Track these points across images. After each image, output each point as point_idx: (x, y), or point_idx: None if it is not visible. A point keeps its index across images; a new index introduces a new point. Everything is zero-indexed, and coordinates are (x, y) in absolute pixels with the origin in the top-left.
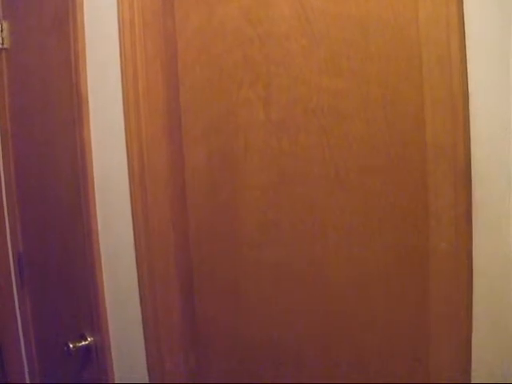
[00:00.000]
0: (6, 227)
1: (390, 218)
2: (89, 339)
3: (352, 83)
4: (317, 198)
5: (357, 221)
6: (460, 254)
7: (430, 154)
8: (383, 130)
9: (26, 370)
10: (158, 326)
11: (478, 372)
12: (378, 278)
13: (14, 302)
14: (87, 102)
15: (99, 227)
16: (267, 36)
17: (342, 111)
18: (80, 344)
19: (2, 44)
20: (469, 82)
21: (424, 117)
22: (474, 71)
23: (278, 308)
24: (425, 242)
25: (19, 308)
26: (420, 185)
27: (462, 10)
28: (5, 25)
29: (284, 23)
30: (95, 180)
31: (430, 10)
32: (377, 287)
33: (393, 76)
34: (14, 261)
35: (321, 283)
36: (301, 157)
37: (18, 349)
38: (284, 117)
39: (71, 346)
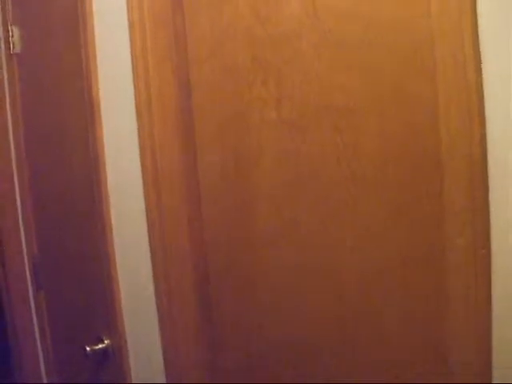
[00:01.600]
0: (20, 231)
1: (406, 215)
2: (106, 342)
3: (364, 80)
4: (332, 196)
5: (373, 218)
6: (477, 250)
7: (444, 150)
8: (397, 126)
9: (44, 373)
10: (174, 327)
11: (499, 369)
12: (395, 275)
13: (30, 305)
14: (99, 104)
15: (114, 229)
16: (278, 34)
17: (355, 108)
18: (97, 347)
19: (13, 49)
20: (483, 77)
21: (438, 113)
22: (489, 65)
23: (294, 307)
24: (442, 239)
25: (35, 311)
26: (436, 181)
27: (475, 2)
28: (15, 30)
29: (294, 21)
30: (109, 183)
31: (442, 4)
32: (394, 285)
33: (406, 72)
34: (29, 264)
35: (338, 282)
36: (315, 155)
37: (35, 352)
38: (297, 115)
39: (88, 349)
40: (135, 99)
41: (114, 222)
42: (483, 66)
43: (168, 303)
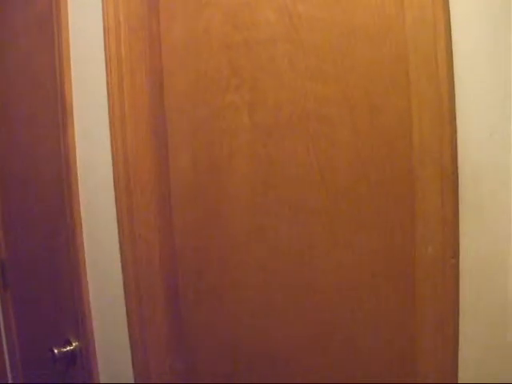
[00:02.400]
0: None
1: (377, 223)
2: (74, 344)
3: (338, 89)
4: (303, 204)
5: (343, 225)
6: (447, 258)
7: (416, 159)
8: (369, 135)
9: (10, 375)
10: (143, 330)
11: (465, 372)
12: (365, 281)
13: None
14: (71, 107)
15: (84, 232)
16: (253, 41)
17: (328, 117)
18: (65, 349)
19: None
20: (456, 86)
21: (411, 121)
22: (461, 75)
23: (265, 311)
24: (412, 246)
25: (2, 310)
26: (407, 189)
27: (449, 13)
28: None
29: (269, 28)
30: (79, 185)
31: (417, 15)
32: (364, 291)
33: (379, 81)
34: None
35: (308, 287)
36: (287, 162)
37: (1, 352)
38: (269, 122)
39: (56, 351)
40: (108, 103)
41: (84, 224)
42: (456, 75)
43: (137, 306)
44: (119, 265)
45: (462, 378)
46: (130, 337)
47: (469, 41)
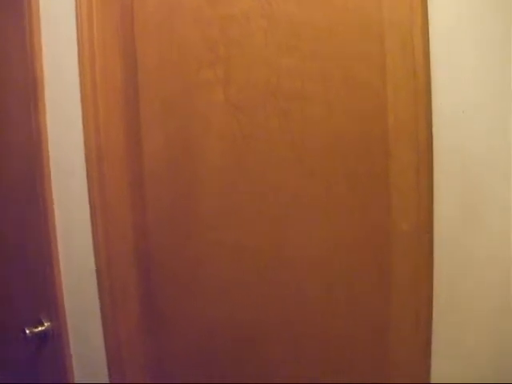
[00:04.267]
0: None
1: (352, 200)
2: (46, 324)
3: (313, 65)
4: (277, 180)
5: (318, 202)
6: (421, 233)
7: (391, 135)
8: (344, 111)
9: None
10: (115, 310)
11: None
12: (340, 258)
13: None
14: (42, 82)
15: (56, 210)
16: (227, 16)
17: (303, 93)
18: (37, 329)
19: None
20: (431, 66)
21: (386, 99)
22: (437, 55)
23: (238, 290)
24: (387, 223)
25: None
26: (383, 167)
27: None
28: None
29: (243, 4)
30: (51, 165)
31: None
32: (339, 267)
33: (355, 59)
34: None
35: (282, 264)
36: (262, 139)
37: None
38: (244, 98)
39: (28, 331)
40: (80, 77)
41: (55, 203)
42: (431, 55)
43: (109, 286)
44: (91, 243)
45: (434, 358)
46: (102, 317)
47: (445, 18)
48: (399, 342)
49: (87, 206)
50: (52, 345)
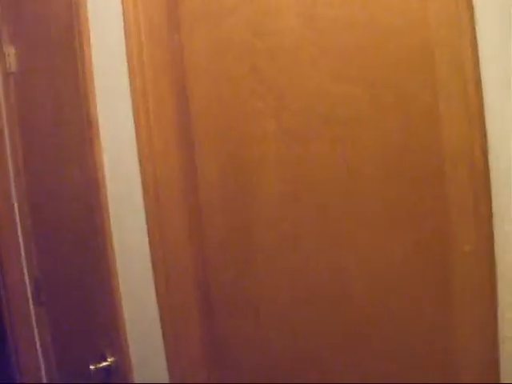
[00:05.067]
0: (21, 252)
1: (410, 224)
2: (109, 360)
3: (364, 89)
4: (333, 206)
5: (376, 228)
6: (483, 256)
7: (447, 158)
8: (398, 134)
9: None
10: (178, 344)
11: (506, 371)
12: (399, 284)
13: (32, 322)
14: (97, 120)
15: (115, 246)
16: (276, 47)
17: (355, 118)
18: (101, 365)
19: (10, 68)
20: (483, 83)
21: (439, 121)
22: (488, 72)
23: (298, 318)
24: (447, 246)
25: (37, 328)
26: (438, 188)
27: (472, 8)
28: (11, 49)
29: (292, 34)
30: (109, 199)
31: (440, 11)
32: (400, 293)
33: (405, 80)
34: (30, 281)
35: (342, 291)
36: (315, 165)
37: (38, 370)
38: (296, 126)
39: (92, 367)
40: (133, 114)
41: (115, 239)
42: (482, 72)
43: (172, 321)
44: (151, 277)
45: (503, 376)
46: (166, 351)
47: (494, 36)
48: (465, 366)
49: (146, 240)
50: (116, 380)
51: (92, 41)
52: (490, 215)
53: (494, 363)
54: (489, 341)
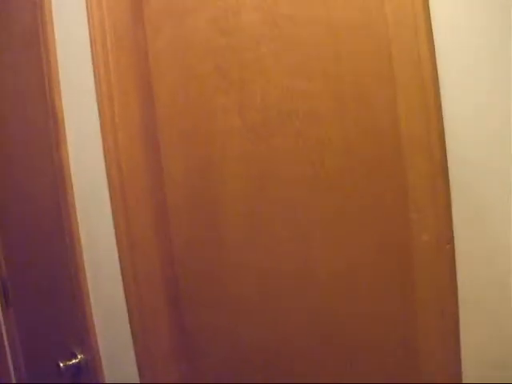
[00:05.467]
0: None
1: (371, 215)
2: (79, 357)
3: (325, 85)
4: (298, 200)
5: (339, 219)
6: (442, 245)
7: (405, 149)
8: (358, 128)
9: None
10: (148, 339)
11: (467, 360)
12: (363, 273)
13: (1, 326)
14: (62, 118)
15: (83, 243)
16: (238, 43)
17: (317, 113)
18: (70, 362)
19: None
20: (439, 77)
21: (398, 114)
22: (444, 65)
23: (266, 310)
24: (407, 236)
25: (5, 329)
26: (399, 180)
27: (428, 6)
28: None
29: (253, 30)
30: (76, 198)
31: (397, 9)
32: (363, 282)
33: (365, 75)
34: None
35: (308, 283)
36: (279, 160)
37: (7, 369)
38: (260, 121)
39: (61, 364)
40: (98, 111)
41: (82, 237)
42: (438, 65)
43: (140, 316)
44: (119, 276)
45: (464, 366)
46: (135, 346)
47: (450, 29)
48: (427, 353)
49: (113, 237)
50: (86, 377)
51: (56, 39)
52: (449, 205)
53: (455, 353)
54: (450, 330)
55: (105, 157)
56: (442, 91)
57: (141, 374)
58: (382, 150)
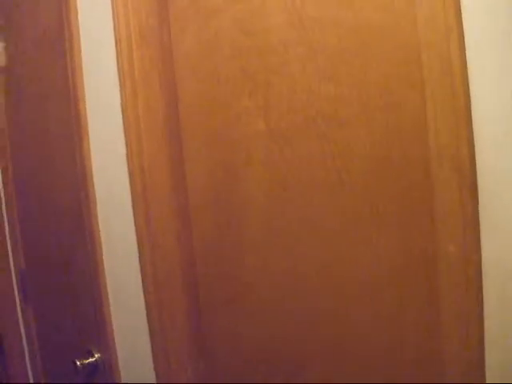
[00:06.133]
0: (7, 245)
1: (396, 222)
2: (96, 356)
3: (352, 89)
4: (321, 205)
5: (362, 226)
6: (469, 256)
7: (433, 158)
8: (385, 134)
9: None
10: (165, 339)
11: (492, 372)
12: (385, 282)
13: (18, 319)
14: (86, 119)
15: (103, 242)
16: (264, 46)
17: (343, 118)
18: (87, 361)
19: None
20: (470, 84)
21: (426, 120)
22: (475, 73)
23: (284, 315)
24: (433, 246)
25: (24, 325)
26: (425, 188)
27: (460, 10)
28: (0, 44)
29: (280, 32)
30: (97, 198)
31: (428, 13)
32: (385, 291)
33: (393, 80)
34: (16, 278)
35: (328, 289)
36: (303, 165)
37: (24, 366)
38: (284, 126)
39: (78, 363)
40: (122, 114)
41: (102, 236)
42: (470, 73)
43: (158, 315)
44: (139, 275)
45: (488, 379)
46: (152, 346)
47: (482, 37)
48: (451, 368)
49: (134, 239)
50: (102, 375)
51: (82, 39)
52: (476, 216)
53: (479, 364)
54: (475, 342)
55: (127, 158)
56: (473, 99)
57: (157, 375)
58: (408, 157)
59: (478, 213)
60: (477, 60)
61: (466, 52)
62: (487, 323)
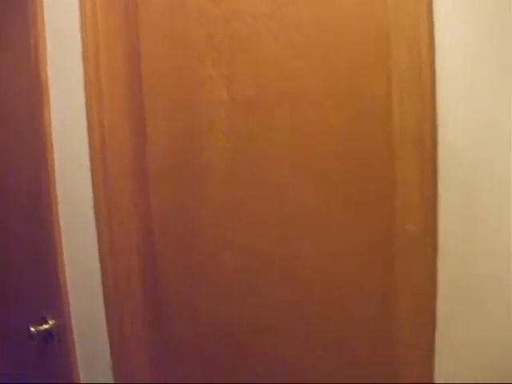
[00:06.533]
0: None
1: (357, 202)
2: (50, 322)
3: (321, 67)
4: (283, 181)
5: (324, 204)
6: (425, 236)
7: (396, 139)
8: (351, 113)
9: None
10: (120, 307)
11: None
12: (345, 259)
13: None
14: (47, 82)
15: (60, 208)
16: (232, 15)
17: (312, 96)
18: (41, 327)
19: None
20: (437, 67)
21: (392, 102)
22: (443, 56)
23: (243, 288)
24: (391, 225)
25: None
26: (387, 169)
27: None
28: None
29: (251, 4)
30: (56, 161)
31: None
32: (344, 268)
33: (362, 61)
34: None
35: (287, 264)
36: (267, 138)
37: None
38: (250, 97)
39: (32, 329)
40: (84, 76)
41: (59, 201)
42: (437, 56)
43: (114, 283)
44: (95, 241)
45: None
46: (107, 313)
47: (451, 21)
48: (403, 343)
49: (91, 204)
50: (57, 343)
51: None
52: (434, 196)
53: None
54: (428, 323)
55: (88, 120)
56: (439, 84)
57: (111, 343)
58: (373, 137)
59: (437, 194)
60: (445, 45)
61: (435, 35)
62: (440, 300)
